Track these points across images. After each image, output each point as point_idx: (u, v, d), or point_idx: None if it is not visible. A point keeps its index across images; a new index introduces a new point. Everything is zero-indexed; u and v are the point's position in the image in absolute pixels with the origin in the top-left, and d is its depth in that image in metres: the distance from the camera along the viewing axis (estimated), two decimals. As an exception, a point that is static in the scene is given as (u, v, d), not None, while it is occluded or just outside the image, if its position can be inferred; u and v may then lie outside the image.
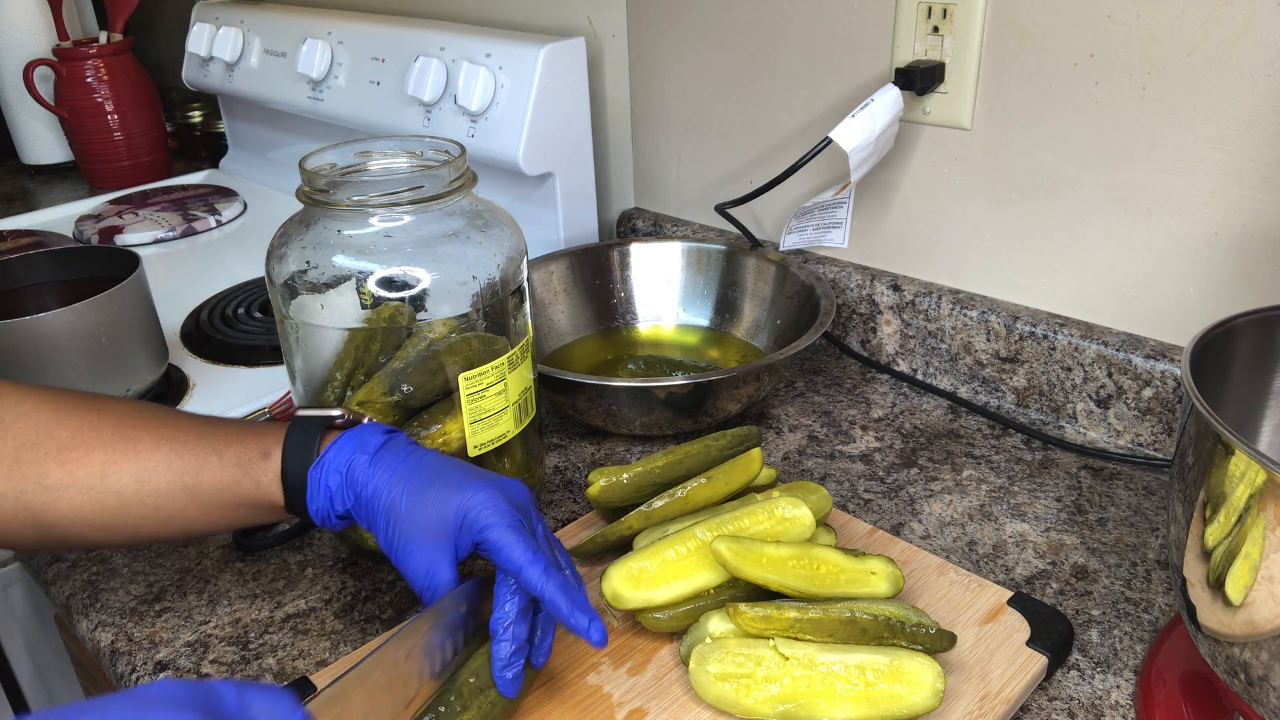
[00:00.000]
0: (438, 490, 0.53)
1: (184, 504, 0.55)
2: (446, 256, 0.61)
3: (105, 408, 0.56)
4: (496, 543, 0.51)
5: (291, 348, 0.64)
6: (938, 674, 0.52)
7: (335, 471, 0.54)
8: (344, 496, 0.54)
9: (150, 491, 0.54)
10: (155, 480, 0.54)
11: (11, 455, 0.53)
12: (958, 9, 0.80)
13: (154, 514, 0.55)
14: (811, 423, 0.86)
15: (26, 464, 0.53)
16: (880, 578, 0.58)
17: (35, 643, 0.84)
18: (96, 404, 0.57)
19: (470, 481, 0.53)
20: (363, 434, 0.55)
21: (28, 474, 0.53)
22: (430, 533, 0.52)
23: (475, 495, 0.52)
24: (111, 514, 0.55)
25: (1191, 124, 0.72)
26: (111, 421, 0.55)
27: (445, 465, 0.55)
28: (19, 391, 0.56)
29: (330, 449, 0.55)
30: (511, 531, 0.51)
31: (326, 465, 0.54)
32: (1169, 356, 0.76)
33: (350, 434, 0.55)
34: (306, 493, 0.55)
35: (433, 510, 0.52)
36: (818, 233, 0.91)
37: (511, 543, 0.51)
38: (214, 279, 1.15)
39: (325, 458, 0.55)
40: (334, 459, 0.54)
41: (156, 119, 1.60)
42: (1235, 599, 0.44)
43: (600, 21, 1.08)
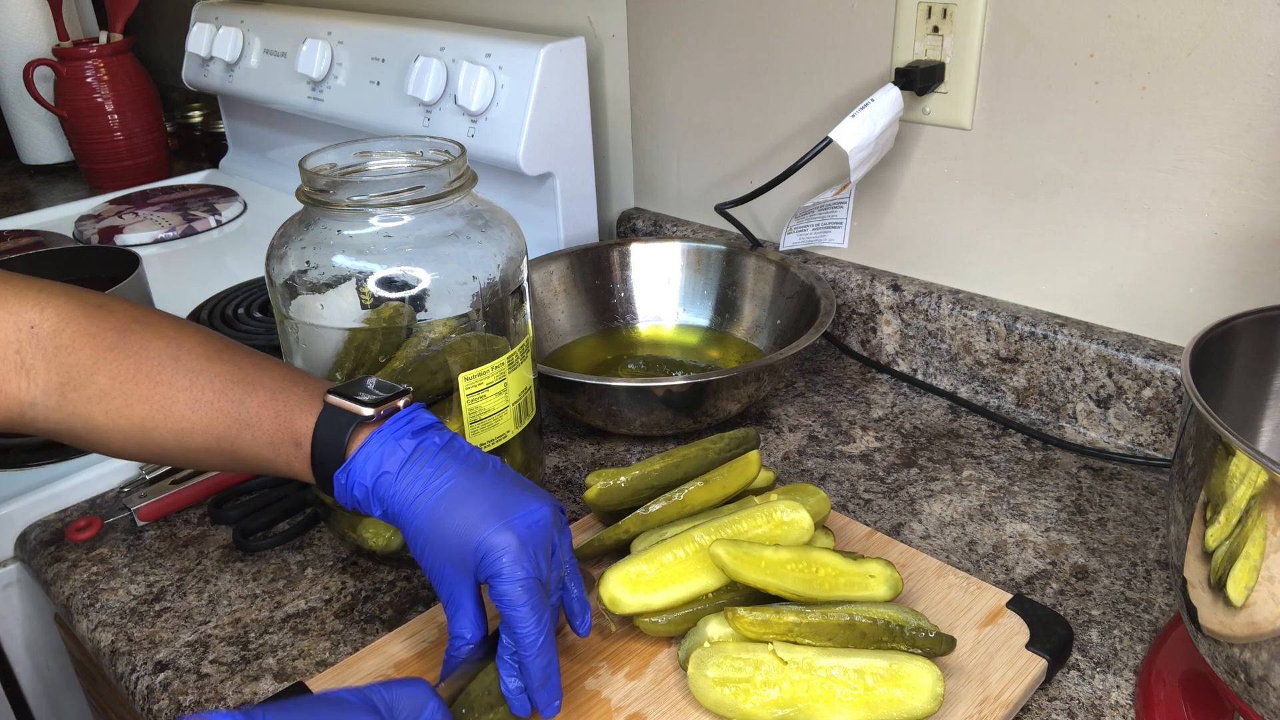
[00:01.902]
0: (459, 520, 0.51)
1: (219, 460, 0.57)
2: (446, 256, 0.61)
3: (143, 352, 0.55)
4: (504, 598, 0.50)
5: (291, 348, 0.64)
6: (937, 678, 0.52)
7: (360, 485, 0.53)
8: (372, 506, 0.54)
9: (188, 448, 0.56)
10: (193, 441, 0.56)
11: (58, 391, 0.55)
12: (958, 9, 0.80)
13: (191, 460, 0.57)
14: (811, 423, 0.86)
15: (73, 403, 0.55)
16: (879, 581, 0.58)
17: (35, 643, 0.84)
18: (135, 345, 0.56)
19: (489, 521, 0.51)
20: (390, 440, 0.53)
21: (75, 412, 0.55)
22: (455, 562, 0.52)
23: (491, 540, 0.51)
24: (159, 457, 0.57)
25: (1191, 124, 0.71)
26: (149, 373, 0.55)
27: (471, 487, 0.53)
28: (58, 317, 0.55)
29: (357, 456, 0.53)
30: (521, 591, 0.50)
31: (353, 476, 0.53)
32: (1169, 356, 0.76)
33: (378, 439, 0.53)
34: (334, 492, 0.54)
35: (455, 542, 0.51)
36: (818, 233, 0.91)
37: (517, 605, 0.50)
38: (214, 279, 1.15)
39: (352, 466, 0.53)
40: (359, 471, 0.53)
41: (156, 119, 1.60)
42: (1236, 600, 0.44)
43: (600, 21, 1.08)
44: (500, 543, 0.50)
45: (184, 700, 0.59)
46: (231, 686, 0.60)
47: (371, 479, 0.53)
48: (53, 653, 0.86)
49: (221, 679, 0.60)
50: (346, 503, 0.54)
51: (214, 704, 0.58)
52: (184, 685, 0.60)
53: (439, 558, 0.52)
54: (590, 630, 0.56)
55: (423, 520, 0.52)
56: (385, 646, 0.60)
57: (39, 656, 0.85)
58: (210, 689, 0.59)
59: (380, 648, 0.60)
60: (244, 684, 0.60)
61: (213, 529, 0.74)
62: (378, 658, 0.59)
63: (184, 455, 0.57)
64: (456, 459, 0.54)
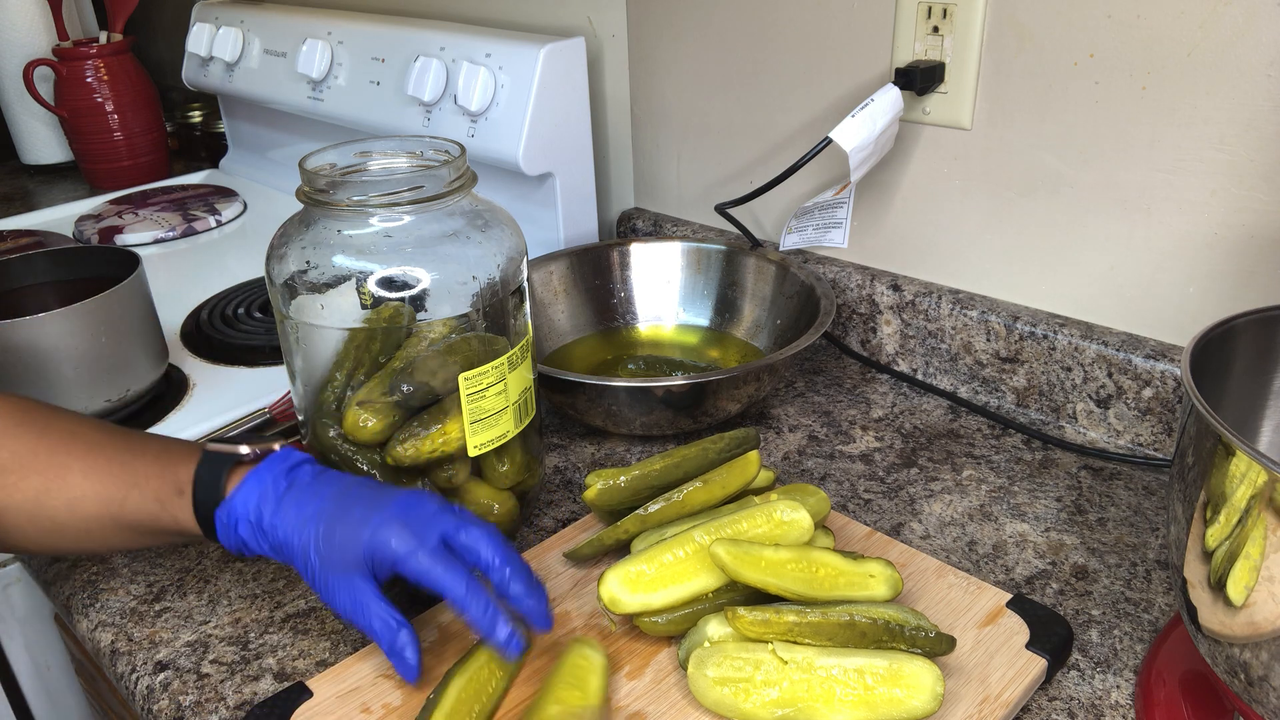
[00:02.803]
0: (342, 532, 0.54)
1: (112, 530, 0.58)
2: (446, 256, 0.61)
3: (46, 429, 0.58)
4: (414, 576, 0.53)
5: (291, 348, 0.64)
6: (937, 677, 0.52)
7: (245, 521, 0.56)
8: (258, 543, 0.56)
9: (81, 518, 0.57)
10: (84, 509, 0.57)
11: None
12: (958, 9, 0.80)
13: (86, 535, 0.58)
14: (811, 423, 0.86)
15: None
16: (879, 580, 0.58)
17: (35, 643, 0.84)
18: (39, 423, 0.58)
19: (369, 518, 0.54)
20: (266, 477, 0.57)
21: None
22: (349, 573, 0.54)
23: (376, 534, 0.53)
24: (50, 534, 0.58)
25: (1191, 124, 0.71)
26: (48, 446, 0.57)
27: (344, 501, 0.55)
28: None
29: (237, 494, 0.56)
30: (423, 559, 0.53)
31: (235, 512, 0.56)
32: (1169, 356, 0.76)
33: (255, 477, 0.57)
34: (216, 531, 0.57)
35: (347, 553, 0.54)
36: (818, 233, 0.91)
37: (426, 572, 0.53)
38: (214, 279, 1.15)
39: (233, 503, 0.56)
40: (241, 506, 0.56)
41: (156, 119, 1.60)
42: (1236, 600, 0.44)
43: (600, 21, 1.08)
44: (386, 533, 0.53)
45: (184, 700, 0.59)
46: (231, 686, 0.60)
47: (254, 514, 0.56)
48: (53, 653, 0.86)
49: (221, 679, 0.60)
50: (231, 544, 0.57)
51: (214, 704, 0.58)
52: (184, 685, 0.60)
53: (335, 572, 0.54)
54: (554, 623, 0.58)
55: (310, 542, 0.54)
56: (385, 646, 0.60)
57: (39, 656, 0.85)
58: (210, 689, 0.59)
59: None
60: (244, 684, 0.60)
61: (213, 529, 0.74)
62: (378, 658, 0.59)
63: (74, 528, 0.57)
64: (331, 484, 0.57)
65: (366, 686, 0.57)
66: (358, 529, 0.54)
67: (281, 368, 0.93)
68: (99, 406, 0.81)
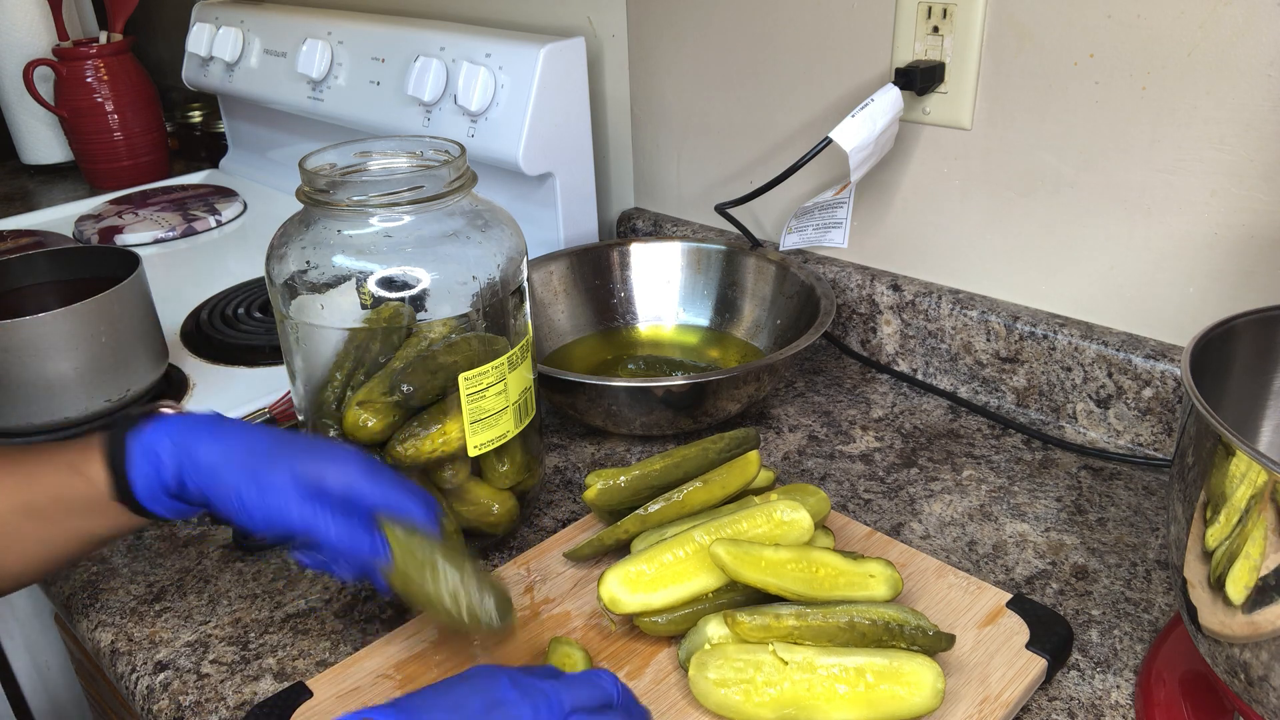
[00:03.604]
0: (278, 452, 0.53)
1: (23, 522, 0.54)
2: (446, 256, 0.61)
3: None
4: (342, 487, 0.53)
5: (291, 348, 0.64)
6: (937, 674, 0.52)
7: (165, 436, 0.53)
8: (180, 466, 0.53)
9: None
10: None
11: None
12: (958, 9, 0.80)
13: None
14: (811, 423, 0.86)
15: None
16: (879, 580, 0.58)
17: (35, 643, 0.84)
18: None
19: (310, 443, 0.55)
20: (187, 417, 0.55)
21: None
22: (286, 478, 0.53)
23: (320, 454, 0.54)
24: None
25: (1191, 124, 0.71)
26: None
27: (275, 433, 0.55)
28: None
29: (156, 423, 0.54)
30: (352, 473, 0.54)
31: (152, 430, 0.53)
32: (1169, 356, 0.76)
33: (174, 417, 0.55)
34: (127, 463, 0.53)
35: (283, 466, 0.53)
36: (818, 233, 0.91)
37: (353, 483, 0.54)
38: (214, 279, 1.15)
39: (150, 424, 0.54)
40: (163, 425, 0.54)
41: (156, 119, 1.60)
42: (1236, 600, 0.44)
43: (600, 21, 1.08)
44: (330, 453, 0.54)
45: (184, 700, 0.59)
46: (231, 686, 0.60)
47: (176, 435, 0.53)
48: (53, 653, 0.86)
49: (221, 679, 0.60)
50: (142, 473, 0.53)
51: (214, 704, 0.58)
52: (184, 685, 0.60)
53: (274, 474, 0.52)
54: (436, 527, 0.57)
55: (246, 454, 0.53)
56: (385, 646, 0.60)
57: (39, 656, 0.85)
58: (210, 689, 0.59)
59: (380, 648, 0.60)
60: (244, 684, 0.60)
61: (212, 529, 0.74)
62: (378, 658, 0.59)
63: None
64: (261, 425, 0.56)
65: (366, 686, 0.57)
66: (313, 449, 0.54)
67: (281, 368, 0.93)
68: (99, 407, 0.81)
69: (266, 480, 0.52)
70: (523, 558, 0.68)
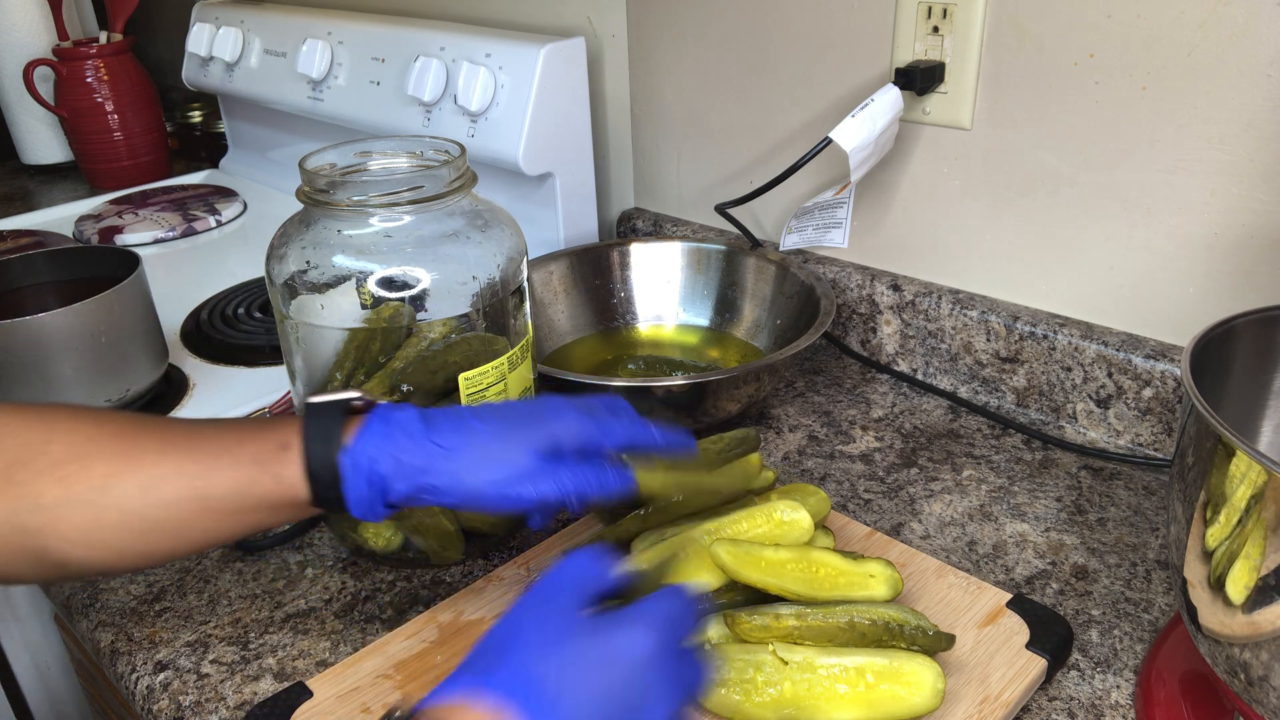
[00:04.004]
0: (514, 430, 0.52)
1: (195, 512, 0.51)
2: (446, 256, 0.61)
3: (103, 419, 0.52)
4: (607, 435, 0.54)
5: (291, 348, 0.64)
6: (938, 674, 0.52)
7: (388, 456, 0.50)
8: (408, 481, 0.51)
9: (156, 503, 0.50)
10: (162, 490, 0.50)
11: (3, 476, 0.49)
12: (958, 9, 0.80)
13: (160, 527, 0.50)
14: (811, 423, 0.86)
15: (19, 484, 0.48)
16: (879, 580, 0.58)
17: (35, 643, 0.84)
18: (93, 415, 0.52)
19: (541, 412, 0.54)
20: (396, 415, 0.52)
21: (22, 494, 0.48)
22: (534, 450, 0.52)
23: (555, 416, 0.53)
24: (114, 530, 0.50)
25: (1191, 124, 0.71)
26: (111, 431, 0.51)
27: (505, 411, 0.54)
28: (6, 409, 0.51)
29: (364, 432, 0.51)
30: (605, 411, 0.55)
31: (366, 450, 0.50)
32: (1169, 356, 0.76)
33: (379, 416, 0.52)
34: (343, 482, 0.50)
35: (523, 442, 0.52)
36: (818, 233, 0.91)
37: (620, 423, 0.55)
38: (214, 279, 1.15)
39: (361, 442, 0.51)
40: (372, 443, 0.51)
41: (156, 119, 1.60)
42: (1236, 600, 0.44)
43: (600, 21, 1.08)
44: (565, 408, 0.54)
45: (184, 700, 0.59)
46: (231, 686, 0.60)
47: (395, 451, 0.51)
48: (53, 653, 0.86)
49: (221, 679, 0.60)
50: (358, 493, 0.51)
51: (214, 704, 0.58)
52: (184, 685, 0.60)
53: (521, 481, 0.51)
54: None
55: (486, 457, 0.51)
56: (385, 646, 0.60)
57: (39, 656, 0.85)
58: (210, 689, 0.59)
59: (380, 648, 0.60)
60: (244, 684, 0.60)
61: (213, 529, 0.74)
62: (378, 658, 0.59)
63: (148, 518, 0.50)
64: (473, 409, 0.54)
65: (366, 686, 0.57)
66: (531, 419, 0.53)
67: (281, 368, 0.93)
68: (99, 407, 0.81)
69: (506, 472, 0.51)
70: (523, 557, 0.68)
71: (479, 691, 0.39)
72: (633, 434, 0.55)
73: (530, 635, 0.42)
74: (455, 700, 0.39)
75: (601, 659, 0.41)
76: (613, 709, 0.40)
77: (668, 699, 0.42)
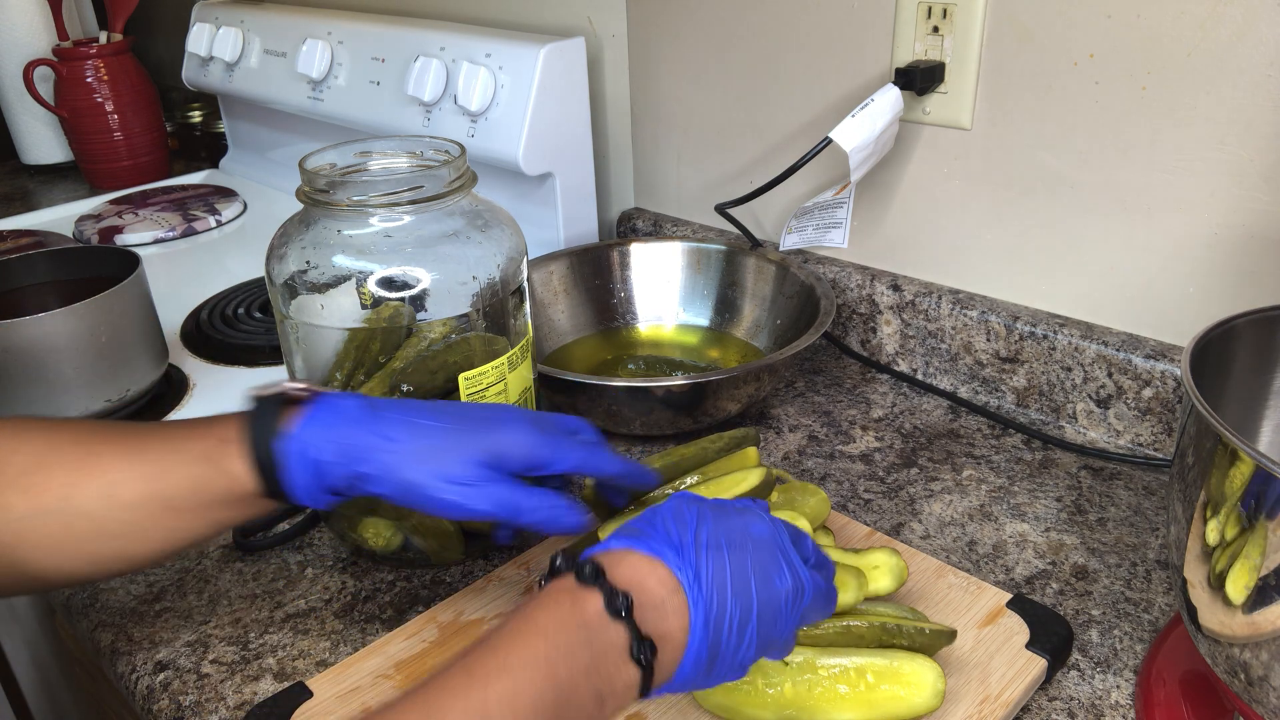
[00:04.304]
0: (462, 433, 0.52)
1: (158, 513, 0.51)
2: (446, 256, 0.61)
3: (62, 427, 0.53)
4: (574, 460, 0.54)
5: (291, 348, 0.64)
6: (938, 674, 0.52)
7: (331, 442, 0.51)
8: (345, 467, 0.51)
9: (119, 506, 0.50)
10: (122, 493, 0.50)
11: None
12: (958, 9, 0.80)
13: (129, 530, 0.51)
14: (811, 423, 0.86)
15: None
16: (883, 570, 0.58)
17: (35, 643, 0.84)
18: (53, 424, 0.53)
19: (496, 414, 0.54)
20: (339, 403, 0.52)
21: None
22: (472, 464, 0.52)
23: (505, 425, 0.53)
24: (85, 539, 0.50)
25: (1191, 124, 0.71)
26: (70, 438, 0.52)
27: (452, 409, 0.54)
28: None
29: (306, 422, 0.51)
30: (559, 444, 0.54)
31: (305, 437, 0.51)
32: (1169, 356, 0.76)
33: (324, 405, 0.52)
34: (283, 469, 0.51)
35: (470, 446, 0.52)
36: (818, 233, 0.91)
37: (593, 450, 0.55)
38: (214, 279, 1.15)
39: (301, 430, 0.51)
40: (314, 430, 0.51)
41: (156, 119, 1.60)
42: (1236, 600, 0.44)
43: (600, 21, 1.08)
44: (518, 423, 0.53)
45: (184, 700, 0.59)
46: (231, 686, 0.60)
47: (336, 438, 0.51)
48: (53, 653, 0.86)
49: (221, 679, 0.60)
50: (299, 480, 0.51)
51: (214, 704, 0.58)
52: (184, 685, 0.60)
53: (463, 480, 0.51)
54: None
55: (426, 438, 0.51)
56: (385, 646, 0.60)
57: (39, 656, 0.85)
58: (210, 689, 0.59)
59: (380, 648, 0.60)
60: (244, 684, 0.60)
61: (213, 529, 0.74)
62: (378, 658, 0.59)
63: (114, 521, 0.50)
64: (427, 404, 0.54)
65: (366, 686, 0.57)
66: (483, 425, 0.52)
67: (281, 368, 0.93)
68: (99, 407, 0.81)
69: (446, 472, 0.51)
70: (523, 558, 0.68)
71: (635, 546, 0.44)
72: (587, 461, 0.54)
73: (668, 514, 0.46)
74: (616, 548, 0.45)
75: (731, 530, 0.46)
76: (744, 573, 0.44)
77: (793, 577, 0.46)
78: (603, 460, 0.55)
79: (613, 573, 0.43)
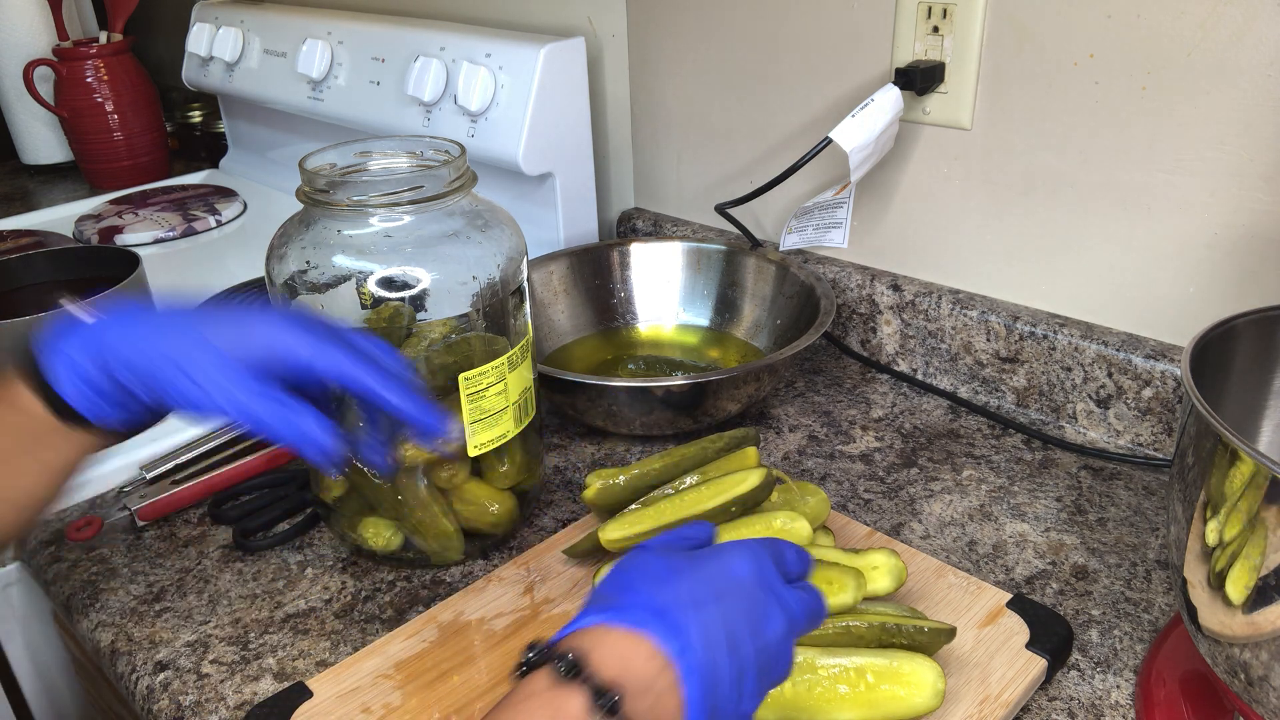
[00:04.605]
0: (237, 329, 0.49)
1: None
2: (446, 256, 0.61)
3: None
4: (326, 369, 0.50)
5: (291, 348, 0.64)
6: (938, 673, 0.52)
7: (82, 342, 0.48)
8: (102, 363, 0.48)
9: None
10: None
11: None
12: (958, 9, 0.80)
13: None
14: (811, 423, 0.86)
15: None
16: (882, 571, 0.58)
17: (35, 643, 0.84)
18: None
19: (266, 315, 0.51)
20: (113, 307, 0.50)
21: None
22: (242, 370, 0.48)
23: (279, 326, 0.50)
24: None
25: (1191, 124, 0.71)
26: None
27: (224, 310, 0.51)
28: None
29: (70, 332, 0.49)
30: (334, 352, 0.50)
31: (67, 340, 0.49)
32: (1169, 356, 0.76)
33: (88, 312, 0.50)
34: (53, 382, 0.48)
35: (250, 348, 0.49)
36: (818, 233, 0.91)
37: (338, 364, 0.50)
38: (214, 279, 1.15)
39: (65, 341, 0.49)
40: (77, 332, 0.49)
41: (156, 119, 1.60)
42: (1236, 600, 0.44)
43: (600, 21, 1.08)
44: (280, 321, 0.50)
45: (184, 700, 0.59)
46: (231, 686, 0.60)
47: (96, 348, 0.48)
48: (53, 653, 0.86)
49: (221, 679, 0.60)
50: (70, 389, 0.48)
51: (214, 704, 0.58)
52: (184, 685, 0.60)
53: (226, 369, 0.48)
54: None
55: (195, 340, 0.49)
56: (385, 646, 0.60)
57: (39, 656, 0.85)
58: (210, 689, 0.59)
59: (380, 648, 0.60)
60: (244, 684, 0.60)
61: (213, 529, 0.74)
62: (378, 658, 0.59)
63: None
64: (196, 310, 0.51)
65: (366, 686, 0.57)
66: (255, 323, 0.50)
67: (281, 368, 0.93)
68: None
69: (189, 369, 0.48)
70: (522, 558, 0.68)
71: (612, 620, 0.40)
72: (353, 373, 0.50)
73: (642, 574, 0.43)
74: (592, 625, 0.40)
75: (713, 580, 0.43)
76: (734, 626, 0.41)
77: (783, 615, 0.43)
78: (376, 380, 0.50)
79: (595, 662, 0.38)
